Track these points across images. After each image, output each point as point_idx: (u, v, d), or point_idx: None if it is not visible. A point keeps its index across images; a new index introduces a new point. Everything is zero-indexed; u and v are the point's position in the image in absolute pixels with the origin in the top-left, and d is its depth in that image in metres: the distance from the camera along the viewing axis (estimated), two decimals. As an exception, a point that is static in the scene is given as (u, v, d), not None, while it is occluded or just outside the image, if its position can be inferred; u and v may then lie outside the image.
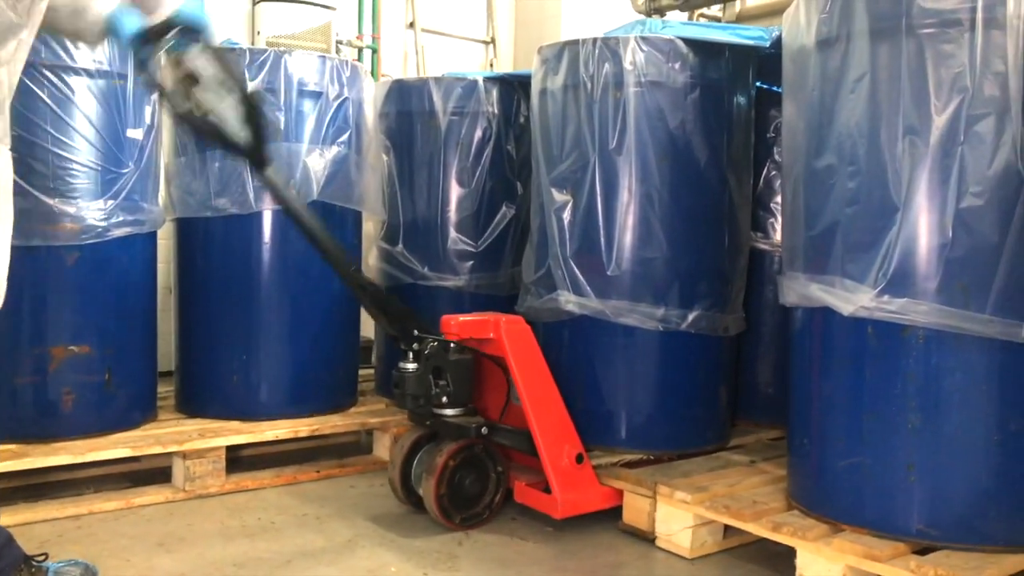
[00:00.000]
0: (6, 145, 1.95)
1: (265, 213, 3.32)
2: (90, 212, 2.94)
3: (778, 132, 3.21)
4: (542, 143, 3.10)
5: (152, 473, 3.13)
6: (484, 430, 2.73)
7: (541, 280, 3.08)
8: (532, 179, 3.23)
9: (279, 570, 2.42)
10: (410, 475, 2.84)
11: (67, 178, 2.90)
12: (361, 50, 5.62)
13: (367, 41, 5.65)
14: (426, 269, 3.74)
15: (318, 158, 3.37)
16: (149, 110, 3.15)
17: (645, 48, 2.88)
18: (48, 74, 2.85)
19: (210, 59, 2.14)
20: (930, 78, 2.06)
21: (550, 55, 3.07)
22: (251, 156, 2.34)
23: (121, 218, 3.01)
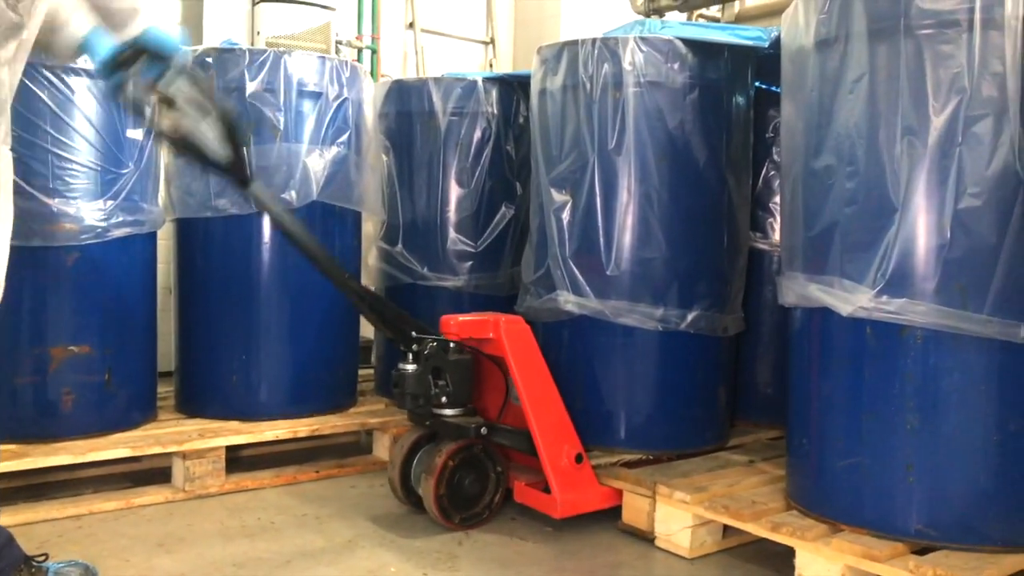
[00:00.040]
0: (7, 145, 1.96)
1: (265, 213, 3.32)
2: (90, 212, 2.94)
3: (777, 132, 3.21)
4: (541, 143, 3.10)
5: (152, 473, 3.13)
6: (483, 430, 2.73)
7: (540, 280, 3.08)
8: (531, 179, 3.23)
9: (279, 570, 2.43)
10: (410, 475, 2.84)
11: (67, 178, 2.90)
12: (361, 50, 5.62)
13: (367, 41, 5.65)
14: (425, 269, 3.75)
15: (318, 158, 3.37)
16: (149, 110, 3.15)
17: (644, 48, 2.89)
18: (48, 74, 2.85)
19: (183, 83, 2.13)
20: (928, 79, 2.07)
21: (549, 55, 3.07)
22: (233, 174, 2.32)
23: (121, 218, 3.01)
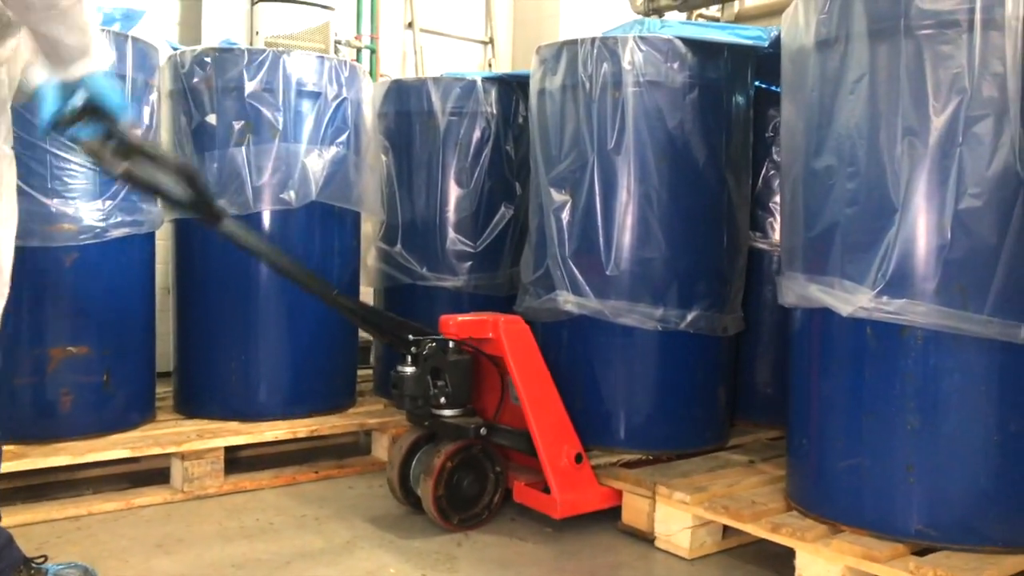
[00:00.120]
0: (8, 144, 1.95)
1: (264, 213, 3.32)
2: (88, 213, 2.93)
3: (777, 132, 3.21)
4: (541, 143, 3.10)
5: (151, 474, 3.12)
6: (482, 431, 2.73)
7: (540, 280, 3.08)
8: (531, 179, 3.23)
9: (278, 571, 2.42)
10: (409, 476, 2.83)
11: (65, 178, 2.89)
12: (360, 50, 5.62)
13: (366, 41, 5.65)
14: (425, 269, 3.74)
15: (316, 158, 3.36)
16: (148, 110, 3.15)
17: (644, 48, 2.88)
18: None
19: (130, 144, 1.98)
20: (929, 79, 2.07)
21: (548, 55, 3.07)
22: (202, 213, 2.23)
23: (119, 219, 3.01)
